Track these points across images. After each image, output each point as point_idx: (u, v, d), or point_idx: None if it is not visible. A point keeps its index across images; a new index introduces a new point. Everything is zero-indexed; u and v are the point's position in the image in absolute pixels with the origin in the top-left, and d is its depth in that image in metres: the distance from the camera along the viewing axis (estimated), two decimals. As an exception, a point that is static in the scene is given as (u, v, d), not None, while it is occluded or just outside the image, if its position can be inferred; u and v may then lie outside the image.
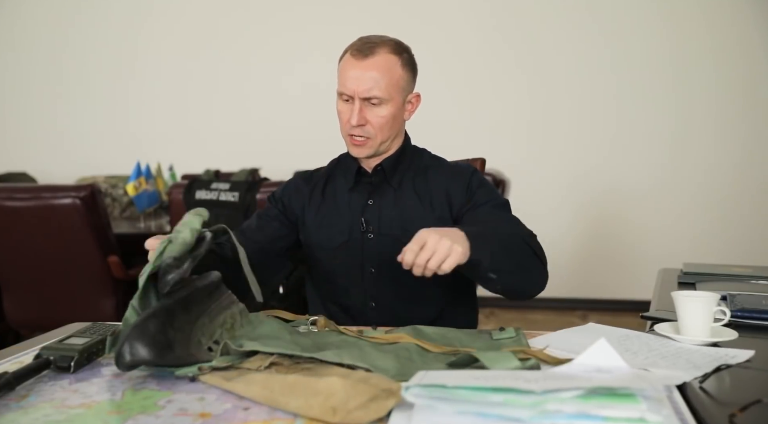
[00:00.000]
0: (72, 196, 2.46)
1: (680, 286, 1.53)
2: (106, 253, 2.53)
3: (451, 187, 1.39)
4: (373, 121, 1.33)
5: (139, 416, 0.80)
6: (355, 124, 1.33)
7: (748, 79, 3.87)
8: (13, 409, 0.84)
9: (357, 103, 1.32)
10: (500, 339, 1.09)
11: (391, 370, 0.92)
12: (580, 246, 4.09)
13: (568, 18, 4.03)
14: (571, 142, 4.07)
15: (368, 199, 1.41)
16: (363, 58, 1.31)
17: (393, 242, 1.29)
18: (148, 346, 0.89)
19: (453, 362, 0.94)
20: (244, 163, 4.03)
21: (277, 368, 0.94)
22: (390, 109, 1.33)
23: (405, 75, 1.35)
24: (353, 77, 1.31)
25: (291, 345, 1.00)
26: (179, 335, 0.96)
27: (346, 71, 1.33)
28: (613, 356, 0.81)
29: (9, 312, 2.68)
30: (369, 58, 1.31)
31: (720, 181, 3.93)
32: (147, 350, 0.89)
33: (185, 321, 0.99)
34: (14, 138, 4.69)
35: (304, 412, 0.78)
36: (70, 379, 0.95)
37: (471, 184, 1.39)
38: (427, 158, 1.46)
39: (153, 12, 4.50)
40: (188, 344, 0.97)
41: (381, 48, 1.32)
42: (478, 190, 1.38)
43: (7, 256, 2.59)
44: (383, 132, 1.35)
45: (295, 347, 0.99)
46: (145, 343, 0.89)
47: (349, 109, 1.34)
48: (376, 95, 1.31)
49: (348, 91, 1.32)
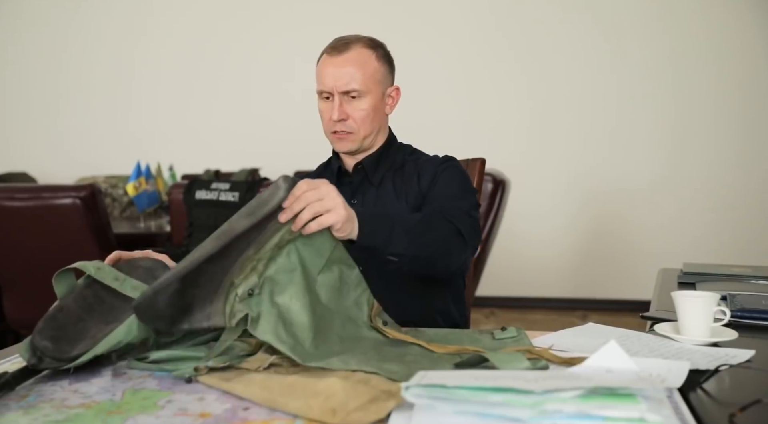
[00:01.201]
0: (72, 196, 2.45)
1: (680, 286, 1.53)
2: (106, 253, 2.51)
3: (422, 178, 1.40)
4: (354, 115, 1.37)
5: (139, 416, 0.80)
6: (337, 119, 1.36)
7: (747, 78, 3.87)
8: (13, 409, 0.84)
9: (337, 98, 1.36)
10: (502, 339, 1.09)
11: (399, 372, 0.92)
12: (580, 246, 4.09)
13: (568, 18, 4.03)
14: (571, 142, 4.07)
15: (351, 198, 1.43)
16: (338, 55, 1.36)
17: None
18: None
19: (462, 363, 0.94)
20: (244, 163, 4.04)
21: (276, 369, 0.94)
22: (370, 102, 1.37)
23: (381, 68, 1.39)
24: (330, 74, 1.36)
25: (297, 346, 0.98)
26: (201, 290, 0.97)
27: (323, 70, 1.38)
28: (623, 357, 0.81)
29: (9, 312, 2.68)
30: (344, 53, 1.35)
31: (720, 181, 3.93)
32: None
33: (218, 269, 0.97)
34: (14, 138, 4.70)
35: (304, 413, 0.78)
36: (70, 379, 0.95)
37: (437, 173, 1.39)
38: (406, 153, 1.48)
39: (153, 12, 4.51)
40: (212, 298, 0.97)
41: (355, 44, 1.37)
42: (440, 179, 1.38)
43: (7, 256, 2.59)
44: (365, 125, 1.38)
45: (300, 348, 0.98)
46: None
47: (329, 107, 1.38)
48: (354, 88, 1.34)
49: (327, 87, 1.36)
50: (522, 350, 0.96)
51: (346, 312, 1.09)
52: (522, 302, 4.04)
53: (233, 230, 0.97)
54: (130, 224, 3.16)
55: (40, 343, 0.93)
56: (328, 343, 1.03)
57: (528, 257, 4.00)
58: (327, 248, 1.07)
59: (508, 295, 4.00)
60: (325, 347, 1.02)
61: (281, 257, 1.02)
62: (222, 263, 0.98)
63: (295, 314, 1.01)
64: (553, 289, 4.07)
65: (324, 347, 1.01)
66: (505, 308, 4.00)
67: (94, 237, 2.49)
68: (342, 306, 1.09)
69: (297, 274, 1.03)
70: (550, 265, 4.06)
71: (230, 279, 0.99)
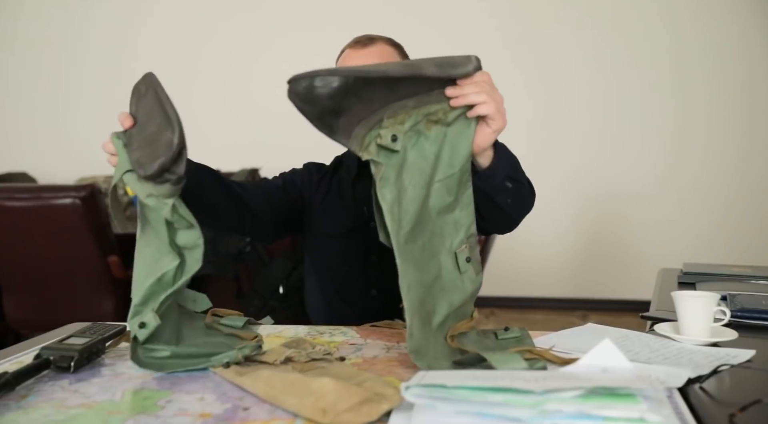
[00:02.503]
0: (72, 196, 2.46)
1: (680, 286, 1.53)
2: (106, 253, 2.53)
3: None
4: None
5: (139, 416, 0.80)
6: None
7: (747, 79, 3.87)
8: (13, 409, 0.84)
9: None
10: (506, 339, 1.08)
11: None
12: (581, 246, 4.09)
13: (567, 18, 4.03)
14: (571, 143, 4.07)
15: (371, 188, 1.43)
16: (362, 48, 1.37)
17: None
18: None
19: (460, 361, 0.94)
20: (244, 163, 4.04)
21: (293, 365, 0.96)
22: None
23: None
24: (356, 64, 1.36)
25: (398, 231, 0.94)
26: (358, 105, 0.94)
27: (348, 62, 1.38)
28: (617, 356, 0.81)
29: (9, 312, 2.68)
30: (368, 47, 1.37)
31: (720, 181, 3.93)
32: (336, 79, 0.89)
33: (381, 97, 0.95)
34: (14, 138, 4.69)
35: (298, 411, 0.78)
36: (70, 379, 0.95)
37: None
38: None
39: (153, 12, 4.50)
40: (361, 118, 0.95)
41: (378, 40, 1.39)
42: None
43: (7, 256, 2.59)
44: None
45: (396, 234, 0.94)
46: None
47: None
48: None
49: None
50: (522, 350, 0.97)
51: (441, 226, 1.04)
52: (522, 302, 4.04)
53: (420, 69, 0.95)
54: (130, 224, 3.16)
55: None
56: (413, 243, 0.99)
57: (528, 257, 4.00)
58: (462, 157, 1.03)
59: (508, 295, 4.00)
60: (410, 247, 0.98)
61: (428, 137, 0.99)
62: (388, 93, 0.95)
63: (408, 199, 0.98)
64: (553, 289, 4.07)
65: (407, 247, 0.97)
66: (505, 308, 3.99)
67: (94, 237, 2.50)
68: (440, 219, 1.04)
69: (428, 163, 1.00)
70: (550, 265, 4.06)
71: (382, 115, 0.96)
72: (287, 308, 2.29)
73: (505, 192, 1.13)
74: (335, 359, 1.00)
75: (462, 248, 1.05)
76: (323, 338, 1.16)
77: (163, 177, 0.97)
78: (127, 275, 2.54)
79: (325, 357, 1.00)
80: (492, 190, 1.11)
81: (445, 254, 1.04)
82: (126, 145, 1.04)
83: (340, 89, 0.91)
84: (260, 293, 2.35)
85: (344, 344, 1.12)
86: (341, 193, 1.47)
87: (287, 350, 0.98)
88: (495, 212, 1.15)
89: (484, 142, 1.04)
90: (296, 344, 1.03)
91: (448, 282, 1.03)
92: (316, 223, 1.47)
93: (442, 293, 1.02)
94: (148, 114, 1.03)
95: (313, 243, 1.49)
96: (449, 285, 1.03)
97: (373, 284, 1.43)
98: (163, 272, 0.96)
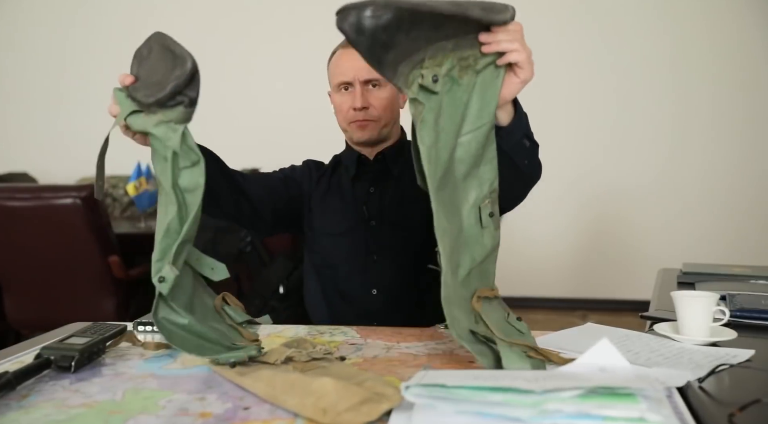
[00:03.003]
0: (72, 196, 2.46)
1: (680, 286, 1.53)
2: (106, 253, 2.53)
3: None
4: (376, 103, 1.39)
5: (140, 416, 0.80)
6: (360, 107, 1.37)
7: (747, 79, 3.87)
8: (14, 409, 0.84)
9: (358, 87, 1.37)
10: (512, 326, 1.04)
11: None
12: (580, 246, 4.09)
13: (567, 18, 4.03)
14: (571, 143, 4.07)
15: (370, 187, 1.45)
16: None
17: (394, 230, 1.40)
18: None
19: (474, 330, 0.93)
20: (244, 162, 4.03)
21: (294, 365, 0.96)
22: (389, 91, 1.39)
23: None
24: (351, 65, 1.37)
25: (430, 179, 0.93)
26: (405, 40, 0.91)
27: (342, 62, 1.39)
28: (615, 355, 0.81)
29: (9, 312, 2.68)
30: None
31: (720, 181, 3.93)
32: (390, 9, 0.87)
33: (426, 35, 0.93)
34: (14, 138, 4.69)
35: (299, 411, 0.78)
36: (71, 379, 0.95)
37: None
38: None
39: (154, 13, 4.50)
40: (408, 55, 0.93)
41: None
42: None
43: (8, 256, 2.60)
44: (386, 114, 1.40)
45: (426, 182, 0.94)
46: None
47: (349, 98, 1.39)
48: (376, 76, 1.35)
49: (348, 77, 1.38)
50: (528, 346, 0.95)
51: (467, 180, 1.03)
52: (522, 301, 4.04)
53: (466, 10, 0.94)
54: (130, 224, 3.17)
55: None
56: (443, 191, 0.98)
57: (528, 257, 4.00)
58: (491, 109, 1.01)
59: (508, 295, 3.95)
60: (440, 194, 0.96)
61: (461, 85, 0.98)
62: (432, 32, 0.94)
63: (441, 145, 0.97)
64: (553, 289, 4.07)
65: (440, 195, 0.96)
66: (505, 308, 3.99)
67: (94, 237, 2.50)
68: (466, 173, 1.02)
69: (459, 112, 0.98)
70: (550, 265, 4.06)
71: (424, 55, 0.94)
72: (288, 308, 2.30)
73: (524, 151, 1.11)
74: (335, 358, 1.01)
75: (485, 202, 1.04)
76: (323, 338, 1.16)
77: (175, 100, 0.95)
78: (128, 275, 2.55)
79: (326, 357, 1.00)
80: (511, 149, 1.08)
81: (468, 208, 1.03)
82: (129, 96, 1.01)
83: (391, 23, 0.89)
84: (261, 292, 2.36)
85: (344, 344, 1.12)
86: (341, 192, 1.48)
87: (288, 350, 0.98)
88: (512, 174, 1.11)
89: (510, 93, 1.01)
90: (297, 344, 1.03)
91: (470, 237, 1.02)
92: (315, 221, 1.48)
93: (465, 247, 1.01)
94: (153, 68, 1.00)
95: (312, 242, 1.49)
96: (471, 240, 1.02)
97: (373, 283, 1.43)
98: (168, 221, 0.95)
